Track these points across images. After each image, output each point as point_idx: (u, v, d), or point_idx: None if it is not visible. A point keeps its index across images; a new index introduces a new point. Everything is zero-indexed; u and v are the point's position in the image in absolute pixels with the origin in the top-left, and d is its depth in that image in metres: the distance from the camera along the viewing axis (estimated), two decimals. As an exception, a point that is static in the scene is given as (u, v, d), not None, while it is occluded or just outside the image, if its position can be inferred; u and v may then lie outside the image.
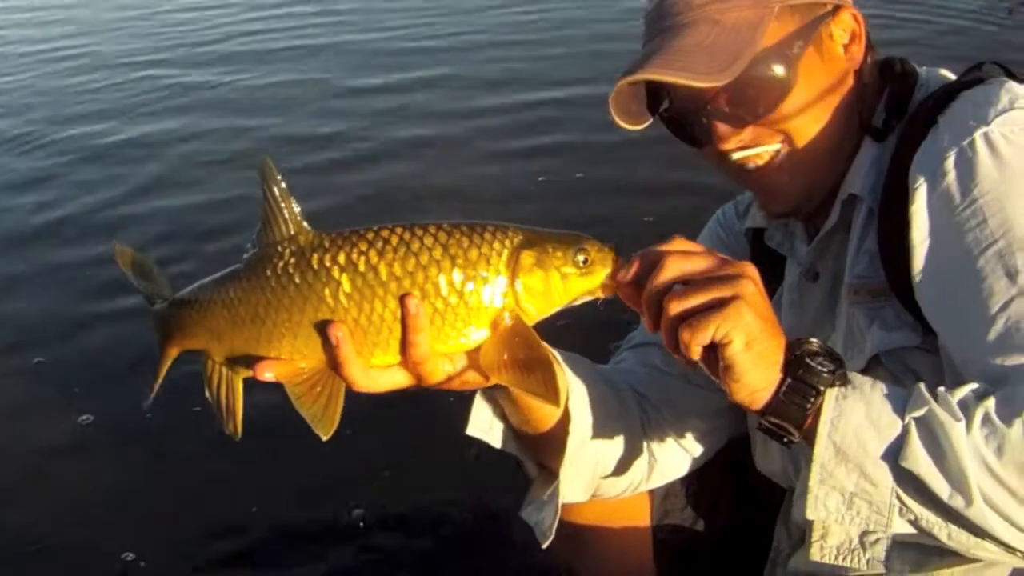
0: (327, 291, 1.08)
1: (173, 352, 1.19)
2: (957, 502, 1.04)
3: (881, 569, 1.22)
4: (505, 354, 1.10)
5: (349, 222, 1.13)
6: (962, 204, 1.14)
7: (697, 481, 1.58)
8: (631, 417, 1.43)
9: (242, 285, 1.12)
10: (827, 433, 1.07)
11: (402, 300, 1.06)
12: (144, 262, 1.25)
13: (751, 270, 1.06)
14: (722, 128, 1.28)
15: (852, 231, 1.31)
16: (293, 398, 1.10)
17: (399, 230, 1.09)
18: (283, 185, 1.10)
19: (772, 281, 1.44)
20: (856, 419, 1.07)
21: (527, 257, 1.10)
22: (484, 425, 1.32)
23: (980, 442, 1.03)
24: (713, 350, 1.05)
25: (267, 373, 1.10)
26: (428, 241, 1.08)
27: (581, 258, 1.11)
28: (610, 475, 1.42)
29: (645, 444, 1.45)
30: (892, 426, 1.06)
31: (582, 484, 1.39)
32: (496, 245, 1.09)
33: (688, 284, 1.05)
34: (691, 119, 1.29)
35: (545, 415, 1.29)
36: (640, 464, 1.45)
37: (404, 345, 1.08)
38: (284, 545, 2.38)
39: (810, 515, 1.10)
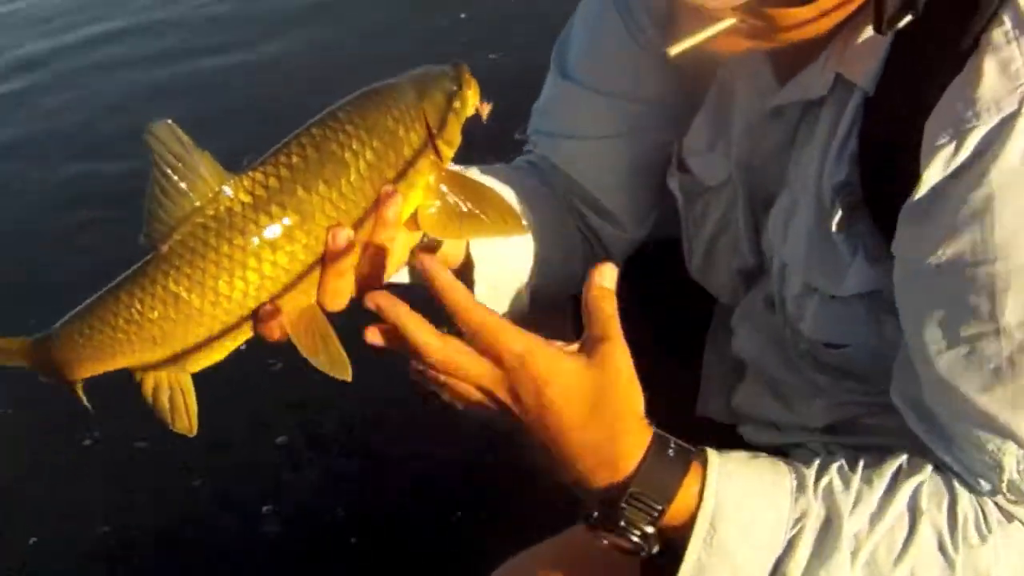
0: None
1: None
2: None
3: None
4: (453, 209, 0.99)
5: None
6: (973, 195, 0.89)
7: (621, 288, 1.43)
8: (566, 224, 1.30)
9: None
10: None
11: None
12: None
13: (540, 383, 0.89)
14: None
15: (840, 121, 1.02)
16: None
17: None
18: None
19: (693, 92, 1.23)
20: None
21: (428, 107, 0.97)
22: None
23: None
24: None
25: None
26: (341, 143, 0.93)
27: (455, 87, 0.99)
28: (542, 286, 1.28)
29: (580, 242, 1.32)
30: None
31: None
32: (402, 117, 0.95)
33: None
34: None
35: (447, 260, 1.14)
36: (574, 265, 1.31)
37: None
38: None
39: None
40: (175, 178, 0.87)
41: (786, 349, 1.18)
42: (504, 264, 1.21)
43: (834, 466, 0.99)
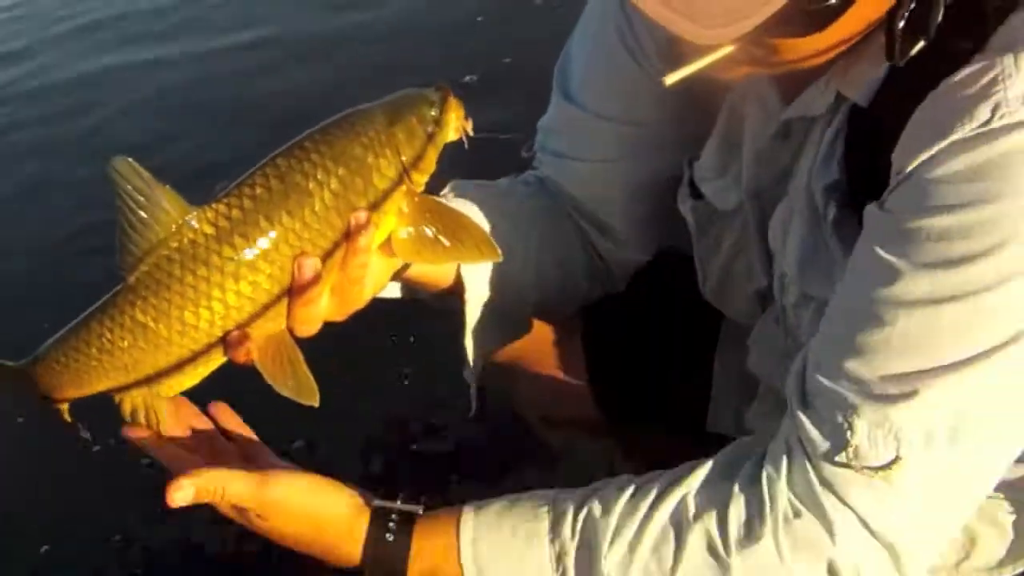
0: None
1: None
2: None
3: None
4: (424, 235, 1.01)
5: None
6: (941, 193, 0.88)
7: (630, 302, 1.44)
8: (570, 243, 1.32)
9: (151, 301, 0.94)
10: None
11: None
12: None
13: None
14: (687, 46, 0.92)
15: (830, 126, 1.03)
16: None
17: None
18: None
19: (699, 116, 1.22)
20: None
21: (400, 133, 0.98)
22: None
23: None
24: None
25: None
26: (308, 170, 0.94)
27: (433, 112, 1.00)
28: (544, 308, 1.33)
29: (588, 264, 1.35)
30: None
31: (509, 336, 1.30)
32: (371, 144, 0.97)
33: None
34: None
35: (435, 278, 1.17)
36: (577, 281, 1.35)
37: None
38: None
39: None
40: (139, 212, 0.90)
41: None
42: (495, 283, 1.22)
43: (598, 494, 1.01)
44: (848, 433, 0.92)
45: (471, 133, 1.03)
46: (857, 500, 0.93)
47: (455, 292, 1.20)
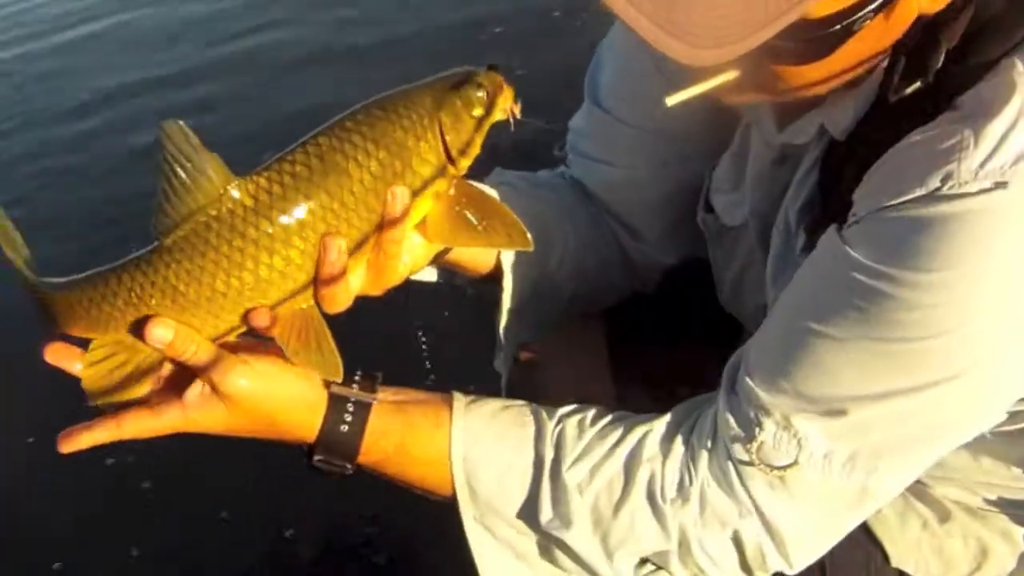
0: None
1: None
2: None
3: None
4: (459, 219, 1.00)
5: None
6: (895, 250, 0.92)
7: (657, 306, 1.45)
8: (604, 241, 1.34)
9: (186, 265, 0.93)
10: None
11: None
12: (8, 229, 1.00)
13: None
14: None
15: (806, 156, 1.07)
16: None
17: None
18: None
19: (721, 129, 1.24)
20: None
21: (445, 118, 0.97)
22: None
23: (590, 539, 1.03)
24: None
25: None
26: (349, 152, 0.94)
27: (480, 94, 0.99)
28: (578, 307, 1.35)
29: (621, 263, 1.36)
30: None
31: (543, 326, 1.31)
32: (413, 127, 0.96)
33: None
34: None
35: (475, 263, 1.19)
36: (611, 273, 1.37)
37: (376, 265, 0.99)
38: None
39: None
40: (183, 176, 0.90)
41: None
42: (533, 271, 1.23)
43: (576, 417, 1.07)
44: (756, 429, 0.98)
45: (518, 116, 1.02)
46: (755, 489, 1.00)
47: (494, 278, 1.22)
